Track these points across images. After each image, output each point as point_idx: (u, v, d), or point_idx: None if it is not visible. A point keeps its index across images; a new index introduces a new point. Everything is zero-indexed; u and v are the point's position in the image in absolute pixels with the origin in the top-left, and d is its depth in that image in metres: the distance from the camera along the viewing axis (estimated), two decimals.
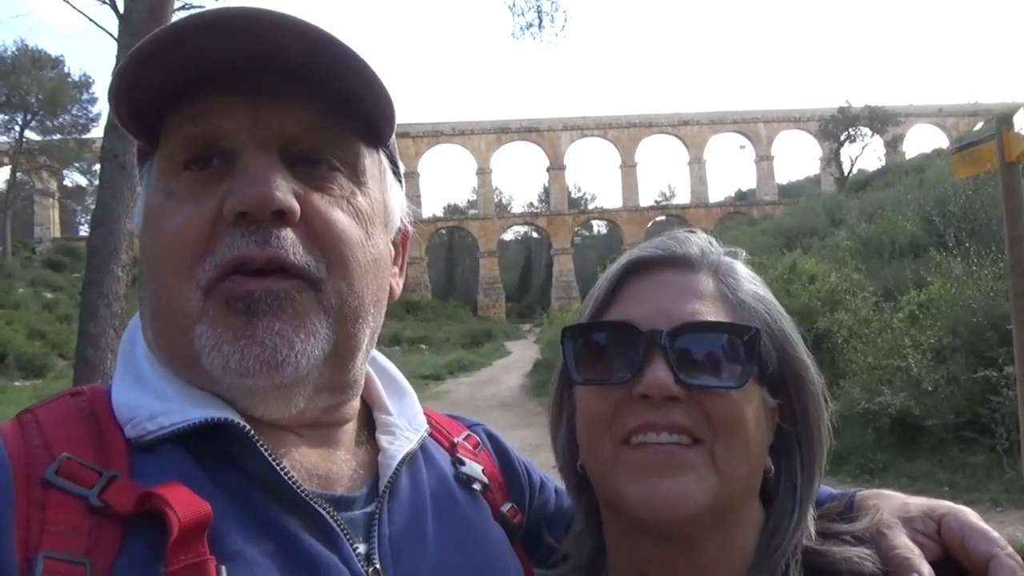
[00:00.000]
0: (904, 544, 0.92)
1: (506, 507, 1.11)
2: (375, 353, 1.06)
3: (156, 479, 0.76)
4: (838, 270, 14.29)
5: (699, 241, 1.05)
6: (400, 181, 1.04)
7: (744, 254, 1.08)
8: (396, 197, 1.02)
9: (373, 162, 0.96)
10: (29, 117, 43.38)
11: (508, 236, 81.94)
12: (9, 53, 42.42)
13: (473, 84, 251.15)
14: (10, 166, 46.87)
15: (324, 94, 0.87)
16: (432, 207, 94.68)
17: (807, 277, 14.14)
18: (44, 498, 0.72)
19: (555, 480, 1.19)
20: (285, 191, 0.82)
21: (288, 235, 0.83)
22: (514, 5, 18.14)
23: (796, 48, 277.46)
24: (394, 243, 1.02)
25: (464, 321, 54.34)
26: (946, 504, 0.98)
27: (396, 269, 1.03)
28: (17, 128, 44.14)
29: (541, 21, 18.41)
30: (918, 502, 1.00)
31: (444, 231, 78.35)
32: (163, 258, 0.85)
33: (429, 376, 25.52)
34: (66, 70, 46.79)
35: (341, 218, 0.88)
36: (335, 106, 0.88)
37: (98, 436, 0.81)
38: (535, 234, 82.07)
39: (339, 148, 0.90)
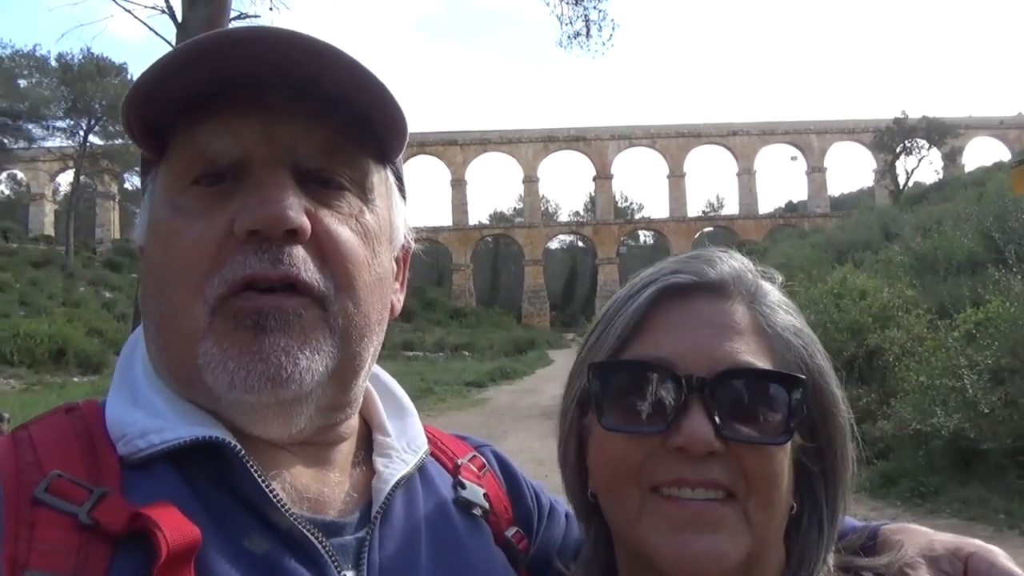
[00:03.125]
0: None
1: (511, 532, 1.08)
2: (379, 371, 1.06)
3: (147, 498, 0.75)
4: (891, 285, 13.92)
5: (732, 262, 0.98)
6: (404, 197, 1.04)
7: (780, 278, 1.02)
8: (400, 213, 1.01)
9: (381, 179, 0.95)
10: (93, 122, 44.89)
11: (553, 245, 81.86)
12: (75, 61, 44.08)
13: (521, 93, 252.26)
14: (74, 169, 48.65)
15: (335, 111, 0.87)
16: (478, 214, 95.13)
17: (858, 292, 13.80)
18: (33, 516, 0.71)
19: (566, 504, 1.13)
20: (298, 210, 0.82)
21: (299, 252, 0.83)
22: (562, 15, 18.18)
23: (851, 58, 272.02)
24: (396, 259, 1.01)
25: (508, 329, 54.41)
26: (974, 543, 0.94)
27: (398, 285, 1.03)
28: (81, 133, 45.73)
29: (588, 30, 18.41)
30: (944, 540, 0.95)
31: (490, 238, 78.69)
32: (171, 274, 0.84)
33: (471, 383, 25.61)
34: (129, 77, 48.31)
35: (349, 237, 0.88)
36: (346, 123, 0.88)
37: (91, 453, 0.80)
38: (580, 243, 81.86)
39: (349, 167, 0.90)
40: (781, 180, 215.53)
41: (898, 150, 52.90)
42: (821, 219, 63.69)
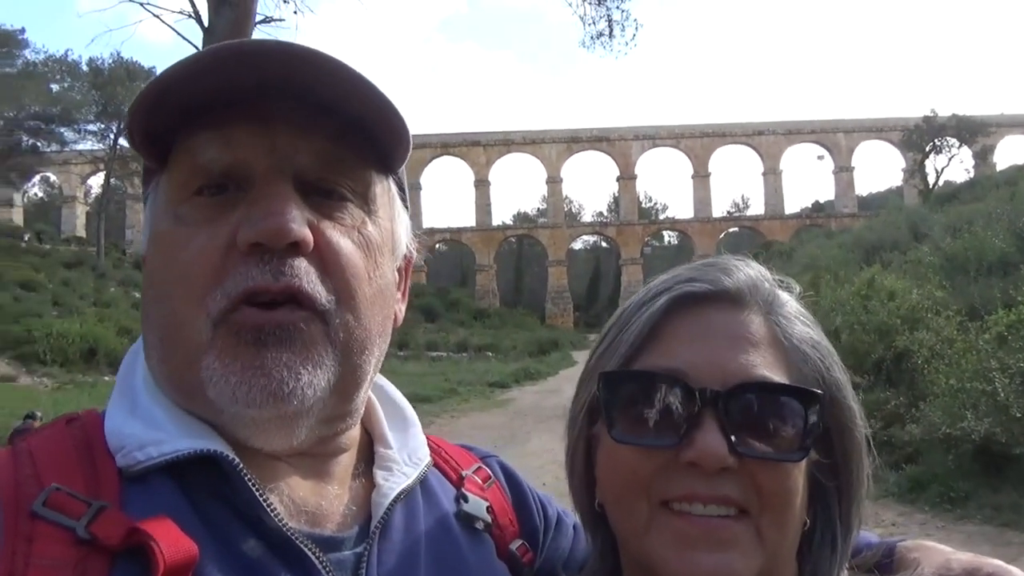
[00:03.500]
0: None
1: (515, 544, 1.06)
2: (383, 381, 1.06)
3: (146, 511, 0.75)
4: (920, 287, 13.71)
5: (748, 270, 0.95)
6: (406, 206, 1.03)
7: (798, 288, 1.00)
8: (402, 224, 1.01)
9: (383, 190, 0.95)
10: (123, 126, 45.59)
11: (577, 245, 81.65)
12: (106, 66, 44.85)
13: (544, 94, 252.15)
14: (105, 172, 49.48)
15: (337, 123, 0.87)
16: (502, 215, 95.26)
17: (886, 293, 13.62)
18: (31, 530, 0.71)
19: (574, 515, 1.11)
20: (300, 222, 0.82)
21: (301, 264, 0.82)
22: (585, 15, 18.13)
23: (879, 55, 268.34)
24: (398, 269, 1.01)
25: (531, 329, 54.39)
26: (992, 563, 0.91)
27: (399, 295, 1.02)
28: (112, 136, 46.48)
29: (612, 31, 18.34)
30: (963, 559, 0.93)
31: (513, 239, 78.72)
32: (173, 286, 0.84)
33: (495, 383, 25.65)
34: None
35: (351, 249, 0.87)
36: (348, 134, 0.88)
37: (90, 465, 0.80)
38: (604, 244, 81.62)
39: (351, 178, 0.90)
40: (807, 180, 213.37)
41: (927, 149, 52.07)
42: (848, 219, 62.93)
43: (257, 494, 0.81)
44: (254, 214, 0.82)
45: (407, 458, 1.01)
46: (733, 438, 0.83)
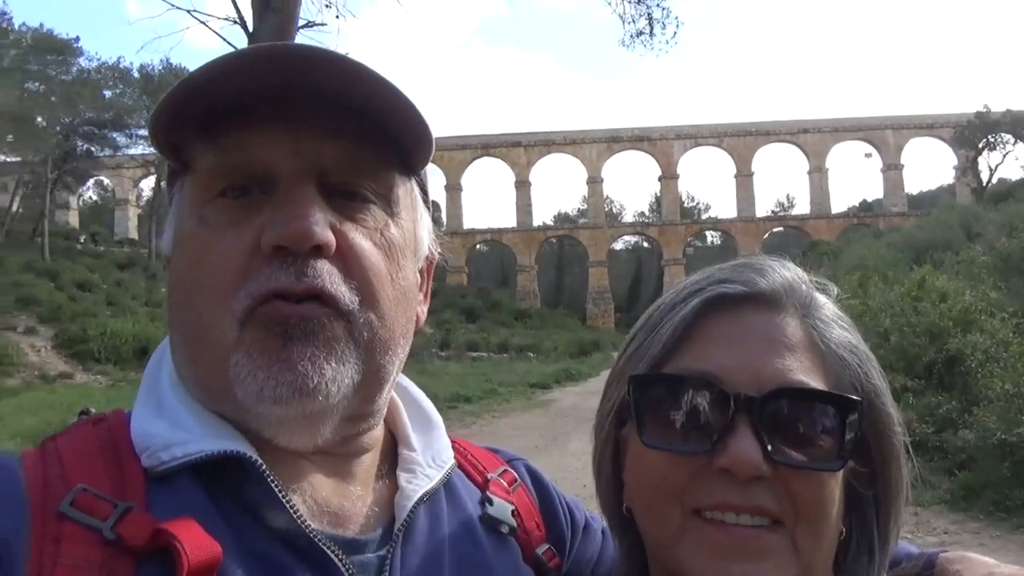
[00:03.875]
0: None
1: (542, 549, 1.06)
2: (407, 382, 1.06)
3: (170, 512, 0.76)
4: (973, 288, 13.31)
5: (784, 272, 0.92)
6: (428, 208, 1.04)
7: (836, 291, 0.97)
8: (425, 225, 1.02)
9: (406, 191, 0.95)
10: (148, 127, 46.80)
11: (618, 245, 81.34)
12: (156, 72, 46.07)
13: (585, 94, 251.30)
14: (155, 175, 50.85)
15: (360, 125, 0.88)
16: (543, 215, 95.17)
17: (938, 294, 13.24)
18: (58, 530, 0.72)
19: (603, 520, 1.09)
20: (323, 225, 0.83)
21: (324, 266, 0.83)
22: (624, 13, 18.03)
23: (929, 50, 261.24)
24: (420, 271, 1.02)
25: (572, 330, 54.32)
26: None
27: (422, 296, 1.03)
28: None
29: (652, 29, 18.22)
30: (1008, 572, 0.90)
31: (554, 239, 78.67)
32: (199, 288, 0.85)
33: (536, 384, 25.61)
34: None
35: (373, 251, 0.88)
36: (371, 136, 0.89)
37: (116, 465, 0.81)
38: (646, 244, 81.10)
39: (374, 180, 0.90)
40: (855, 178, 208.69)
41: (980, 145, 50.64)
42: (898, 218, 61.54)
43: (280, 495, 0.82)
44: (278, 217, 0.82)
45: (431, 460, 1.01)
46: (768, 445, 0.80)
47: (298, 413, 0.83)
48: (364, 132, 0.88)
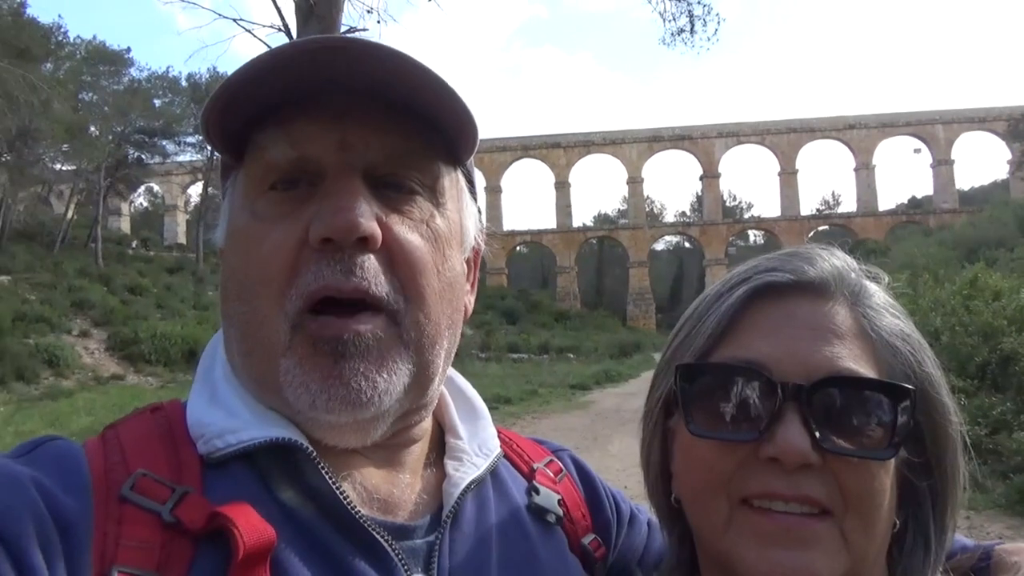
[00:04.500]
0: None
1: (588, 539, 1.06)
2: (453, 373, 1.06)
3: (225, 497, 0.78)
4: None
5: (833, 260, 0.91)
6: (475, 197, 1.04)
7: (887, 278, 0.95)
8: (471, 215, 1.02)
9: (451, 182, 0.96)
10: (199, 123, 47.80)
11: (659, 246, 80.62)
12: (203, 80, 47.16)
13: (625, 94, 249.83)
14: (203, 182, 52.04)
15: (406, 116, 0.88)
16: (582, 216, 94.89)
17: (991, 293, 12.85)
18: (120, 513, 0.75)
19: (648, 512, 1.10)
20: (369, 217, 0.83)
21: (371, 264, 0.84)
22: (665, 11, 17.83)
23: (981, 42, 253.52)
24: (467, 260, 1.02)
25: (612, 331, 53.91)
26: None
27: (469, 287, 1.03)
28: (209, 148, 48.84)
29: (693, 26, 17.94)
30: None
31: (594, 240, 78.31)
32: (252, 282, 0.87)
33: (576, 386, 25.51)
34: None
35: (419, 243, 0.89)
36: (417, 128, 0.89)
37: (173, 452, 0.84)
38: (687, 244, 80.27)
39: (420, 171, 0.91)
40: (903, 175, 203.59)
41: None
42: (949, 215, 59.90)
43: (330, 482, 0.83)
44: (324, 210, 0.84)
45: (477, 449, 1.02)
46: (817, 434, 0.80)
47: (349, 420, 0.85)
48: (410, 123, 0.89)
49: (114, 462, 0.81)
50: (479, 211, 1.06)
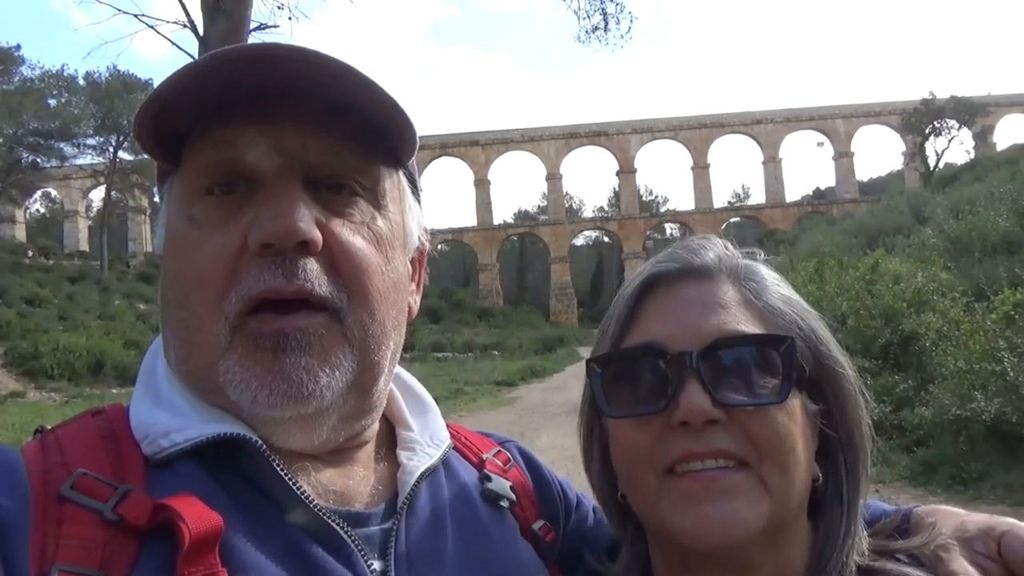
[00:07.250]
0: (963, 569, 0.88)
1: (538, 524, 1.08)
2: (399, 370, 1.07)
3: (171, 493, 0.77)
4: (924, 269, 13.67)
5: (714, 247, 1.01)
6: (418, 198, 1.05)
7: (762, 255, 1.04)
8: (414, 216, 1.02)
9: (393, 183, 0.96)
10: (122, 139, 45.63)
11: (579, 241, 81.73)
12: (103, 79, 44.95)
13: (542, 92, 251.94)
14: (105, 185, 49.63)
15: (345, 120, 0.88)
16: (503, 214, 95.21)
17: (891, 277, 13.59)
18: (60, 513, 0.74)
19: (592, 499, 1.15)
20: (309, 222, 0.83)
21: (313, 266, 0.84)
22: (579, 9, 18.08)
23: (876, 39, 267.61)
24: (412, 261, 1.03)
25: (536, 327, 54.33)
26: (1007, 521, 0.93)
27: (413, 287, 1.04)
28: (111, 149, 46.66)
29: (607, 24, 18.27)
30: (977, 520, 0.95)
31: (515, 237, 78.77)
32: (189, 288, 0.86)
33: (502, 382, 25.64)
34: None
35: (362, 245, 0.89)
36: (355, 130, 0.89)
37: (116, 453, 0.82)
38: (606, 239, 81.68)
39: (360, 173, 0.91)
40: (808, 167, 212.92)
41: (927, 131, 51.96)
42: (850, 205, 62.87)
43: (283, 473, 0.83)
44: (264, 215, 0.83)
45: (429, 440, 1.03)
46: (714, 391, 0.87)
47: (293, 415, 0.85)
48: (348, 126, 0.89)
49: (53, 463, 0.79)
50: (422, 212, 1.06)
